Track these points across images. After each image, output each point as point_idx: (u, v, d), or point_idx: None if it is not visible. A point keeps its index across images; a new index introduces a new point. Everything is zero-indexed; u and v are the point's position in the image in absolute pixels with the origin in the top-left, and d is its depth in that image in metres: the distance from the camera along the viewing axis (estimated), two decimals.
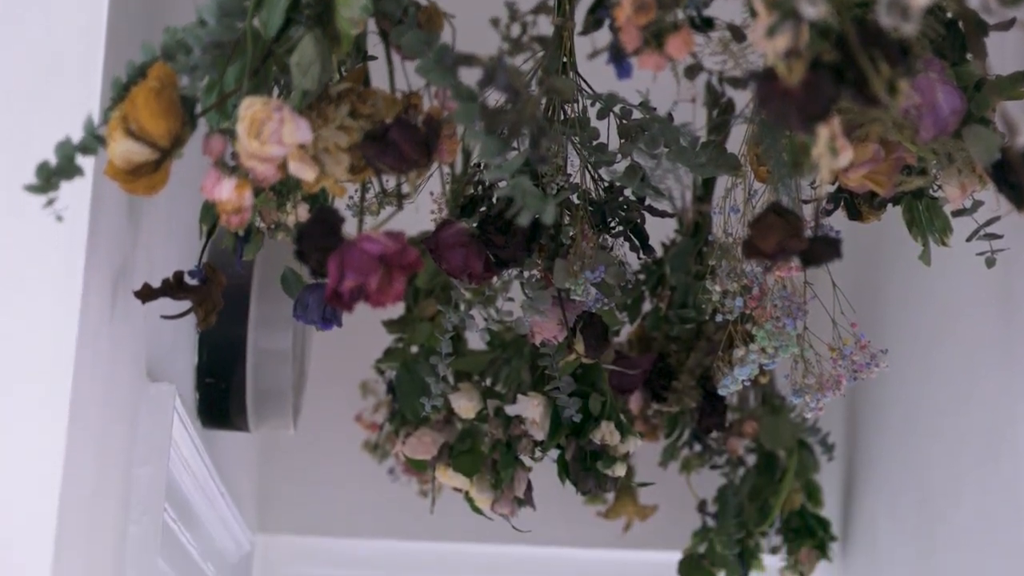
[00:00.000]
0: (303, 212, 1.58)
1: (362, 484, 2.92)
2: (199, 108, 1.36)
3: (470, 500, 2.27)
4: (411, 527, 2.93)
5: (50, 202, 1.32)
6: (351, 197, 1.57)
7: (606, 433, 2.11)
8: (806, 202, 1.55)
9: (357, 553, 3.02)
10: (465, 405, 2.19)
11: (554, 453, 2.12)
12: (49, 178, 1.32)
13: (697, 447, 2.47)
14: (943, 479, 2.01)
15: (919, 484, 2.14)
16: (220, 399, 2.30)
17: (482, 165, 1.66)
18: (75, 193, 1.42)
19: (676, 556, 2.53)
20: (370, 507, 2.96)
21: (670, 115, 1.58)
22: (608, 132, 1.62)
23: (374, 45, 1.49)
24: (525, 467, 2.21)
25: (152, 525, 1.91)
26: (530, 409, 2.13)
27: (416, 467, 2.30)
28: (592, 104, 1.64)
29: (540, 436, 2.14)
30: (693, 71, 1.67)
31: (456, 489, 2.27)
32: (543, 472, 2.27)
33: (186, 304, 1.63)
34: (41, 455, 1.43)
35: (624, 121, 1.60)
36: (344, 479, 2.97)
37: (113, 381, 1.66)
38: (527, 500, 2.20)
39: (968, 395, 1.90)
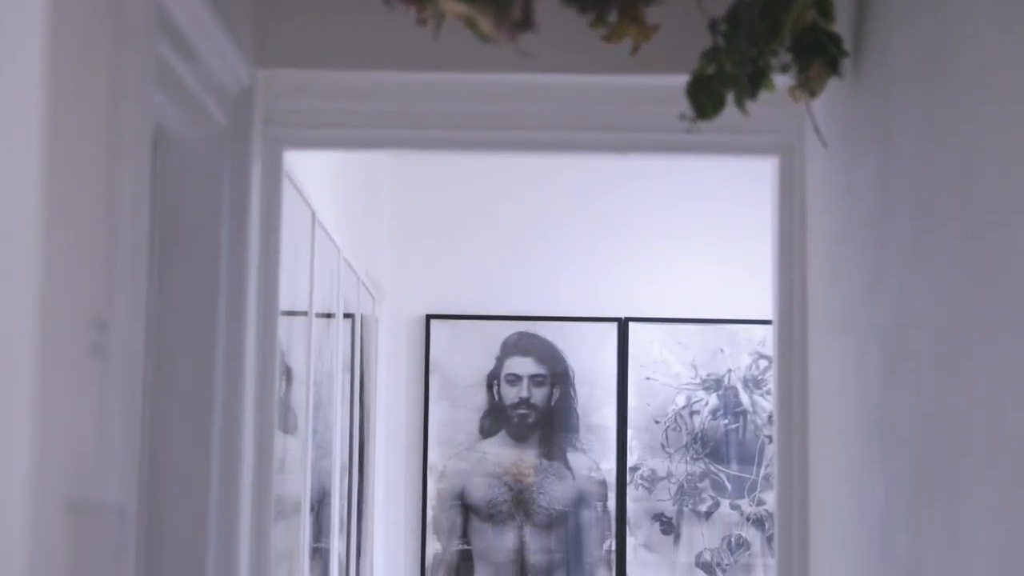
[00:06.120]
0: None
1: (364, 15, 2.86)
2: None
3: (475, 27, 2.21)
4: (416, 58, 2.89)
5: None
6: None
7: None
8: None
9: (360, 85, 2.99)
10: None
11: None
12: None
13: None
14: None
15: None
16: None
17: None
18: None
19: (685, 79, 2.49)
20: (373, 39, 2.90)
21: None
22: None
23: None
24: None
25: (145, 55, 1.86)
26: None
27: None
28: None
29: None
30: None
31: (458, 16, 2.21)
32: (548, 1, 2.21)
33: None
34: None
35: None
36: (345, 11, 2.90)
37: None
38: (528, 22, 2.14)
39: None
